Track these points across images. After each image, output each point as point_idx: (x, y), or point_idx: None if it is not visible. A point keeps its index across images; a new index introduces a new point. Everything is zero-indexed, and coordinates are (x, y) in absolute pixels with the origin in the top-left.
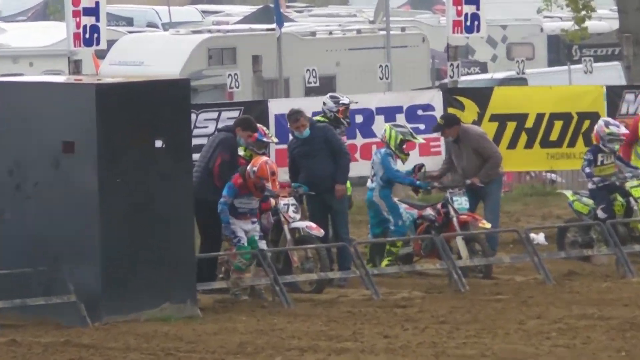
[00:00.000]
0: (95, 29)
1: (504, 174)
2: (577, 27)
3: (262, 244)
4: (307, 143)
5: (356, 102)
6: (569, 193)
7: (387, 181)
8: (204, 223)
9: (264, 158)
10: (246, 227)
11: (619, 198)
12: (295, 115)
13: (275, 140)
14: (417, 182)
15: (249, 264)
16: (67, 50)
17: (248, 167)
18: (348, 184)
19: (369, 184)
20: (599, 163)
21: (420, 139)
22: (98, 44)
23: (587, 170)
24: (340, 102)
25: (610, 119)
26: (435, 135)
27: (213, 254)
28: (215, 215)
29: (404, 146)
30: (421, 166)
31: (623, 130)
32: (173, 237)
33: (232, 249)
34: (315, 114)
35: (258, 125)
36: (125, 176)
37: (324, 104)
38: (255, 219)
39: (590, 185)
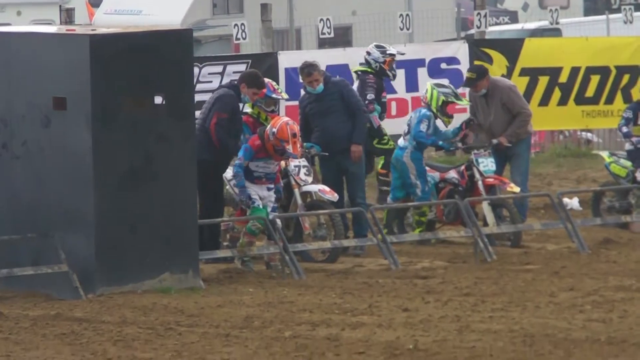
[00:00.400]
0: None
1: (534, 133)
2: None
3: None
4: (321, 99)
5: (403, 54)
6: (605, 154)
7: (432, 143)
8: (202, 185)
9: (285, 118)
10: (261, 192)
11: None
12: (308, 68)
13: (286, 96)
14: (440, 143)
15: (262, 229)
16: None
17: (267, 128)
18: (390, 142)
19: (400, 142)
20: (639, 122)
21: (465, 101)
22: None
23: (625, 129)
24: (387, 52)
25: None
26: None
27: (216, 219)
28: (215, 177)
29: (447, 108)
30: (469, 121)
31: None
32: (174, 203)
33: (238, 214)
34: (329, 67)
35: (267, 80)
36: (122, 135)
37: (368, 53)
38: (272, 185)
39: (628, 146)
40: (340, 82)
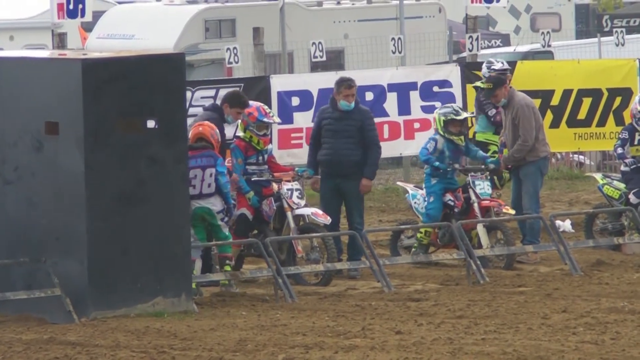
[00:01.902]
0: None
1: (547, 155)
2: None
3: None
4: (341, 119)
5: (505, 70)
6: (598, 176)
7: (426, 161)
8: None
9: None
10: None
11: None
12: (350, 82)
13: (278, 120)
14: (436, 163)
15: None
16: (50, 23)
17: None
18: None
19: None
20: (636, 142)
21: (465, 113)
22: (83, 15)
23: (620, 150)
24: (492, 67)
25: None
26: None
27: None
28: None
29: (450, 127)
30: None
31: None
32: (166, 226)
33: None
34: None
35: (258, 103)
36: (114, 159)
37: (482, 69)
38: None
39: (622, 167)
40: (365, 112)
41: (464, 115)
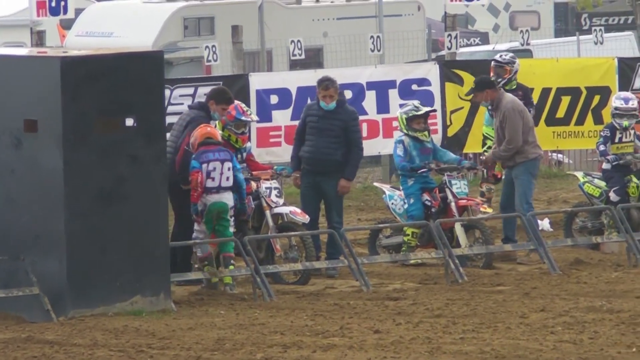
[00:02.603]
0: None
1: (537, 157)
2: None
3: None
4: (325, 117)
5: (502, 61)
6: (579, 174)
7: (402, 168)
8: (178, 208)
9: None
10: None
11: (635, 180)
12: (327, 82)
13: (256, 118)
14: (412, 166)
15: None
16: (29, 20)
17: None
18: (498, 165)
19: None
20: (616, 140)
21: (424, 108)
22: (65, 12)
23: (602, 147)
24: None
25: (622, 93)
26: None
27: (188, 242)
28: (187, 199)
29: (413, 124)
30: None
31: (632, 104)
32: (145, 225)
33: (212, 236)
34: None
35: (236, 102)
36: (93, 157)
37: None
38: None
39: (603, 166)
40: (351, 113)
41: (424, 109)
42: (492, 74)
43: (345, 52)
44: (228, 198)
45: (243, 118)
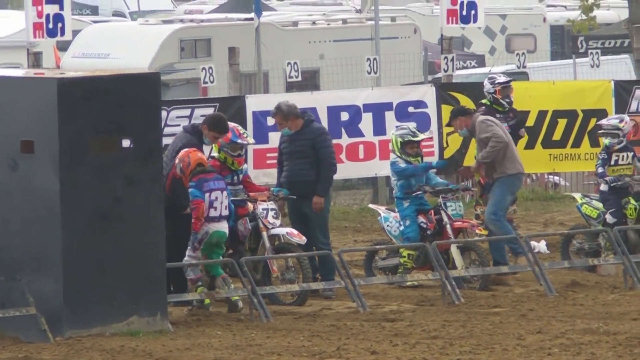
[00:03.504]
0: (59, 17)
1: (516, 174)
2: (584, 17)
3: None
4: (293, 141)
5: (509, 81)
6: (577, 196)
7: (402, 188)
8: (173, 231)
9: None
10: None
11: (632, 202)
12: (273, 111)
13: (252, 141)
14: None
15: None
16: (26, 42)
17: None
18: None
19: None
20: (612, 162)
21: (422, 135)
22: (63, 34)
23: (600, 170)
24: (496, 82)
25: (615, 115)
26: (428, 135)
27: (184, 263)
28: (182, 221)
29: (407, 148)
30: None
31: (614, 122)
32: (141, 246)
33: (205, 257)
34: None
35: (233, 124)
36: (89, 178)
37: (484, 86)
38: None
39: (601, 187)
40: (316, 130)
41: (421, 136)
42: (499, 96)
43: (341, 74)
44: (226, 227)
45: (239, 141)
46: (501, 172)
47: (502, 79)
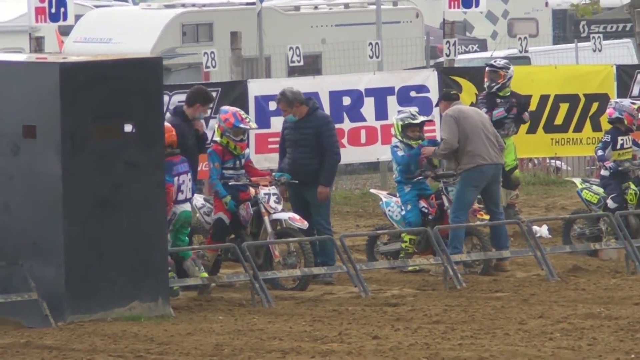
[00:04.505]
0: (61, 2)
1: (474, 167)
2: (587, 1)
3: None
4: (297, 128)
5: (497, 66)
6: (578, 181)
7: (403, 174)
8: None
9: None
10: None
11: (633, 186)
12: (277, 97)
13: (254, 125)
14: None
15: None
16: (28, 26)
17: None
18: (517, 172)
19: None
20: (618, 147)
21: (421, 118)
22: (65, 18)
23: (600, 152)
24: (487, 65)
25: (620, 99)
26: (429, 118)
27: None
28: None
29: (408, 131)
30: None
31: (612, 108)
32: (143, 231)
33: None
34: None
35: (235, 109)
36: (91, 163)
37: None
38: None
39: (602, 172)
40: (321, 118)
41: (421, 119)
42: (485, 79)
43: (343, 59)
44: (190, 207)
45: (241, 125)
46: (460, 167)
47: (493, 63)
